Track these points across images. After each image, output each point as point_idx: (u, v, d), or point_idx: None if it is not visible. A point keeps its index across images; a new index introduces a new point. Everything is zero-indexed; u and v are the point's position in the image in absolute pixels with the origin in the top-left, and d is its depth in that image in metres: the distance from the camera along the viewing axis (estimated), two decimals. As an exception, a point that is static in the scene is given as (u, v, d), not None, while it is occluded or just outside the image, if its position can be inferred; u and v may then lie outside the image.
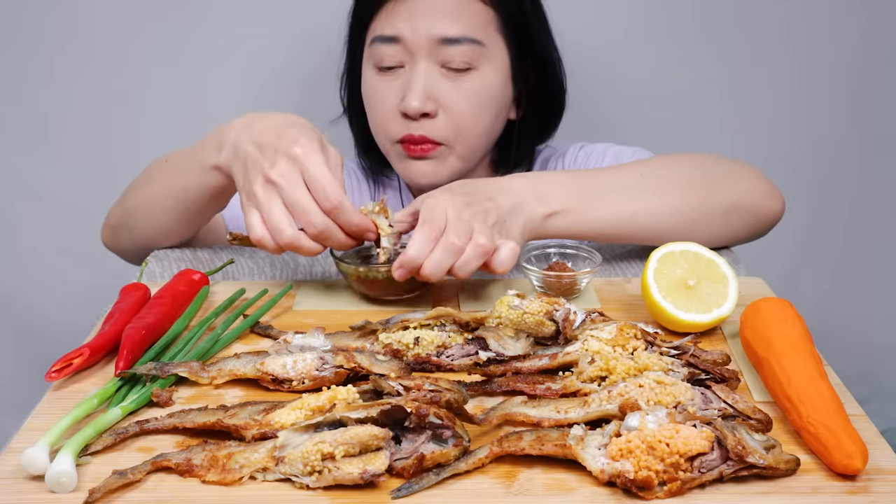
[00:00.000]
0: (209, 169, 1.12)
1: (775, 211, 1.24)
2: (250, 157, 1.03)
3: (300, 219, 1.01)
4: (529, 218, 1.10)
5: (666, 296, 1.00)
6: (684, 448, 0.73)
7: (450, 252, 1.00)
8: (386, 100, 1.33)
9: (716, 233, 1.20)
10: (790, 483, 0.75)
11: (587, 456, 0.75)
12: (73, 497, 0.73)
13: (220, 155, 1.09)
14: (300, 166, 1.01)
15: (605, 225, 1.15)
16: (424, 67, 1.31)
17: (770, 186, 1.24)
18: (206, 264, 1.22)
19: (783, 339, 0.88)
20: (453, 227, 1.01)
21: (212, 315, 1.03)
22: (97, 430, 0.80)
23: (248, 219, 1.03)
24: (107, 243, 1.37)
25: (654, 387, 0.81)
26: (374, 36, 1.34)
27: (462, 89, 1.32)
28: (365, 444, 0.75)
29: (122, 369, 0.89)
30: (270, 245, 1.02)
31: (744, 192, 1.21)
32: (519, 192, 1.11)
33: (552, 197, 1.12)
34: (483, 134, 1.37)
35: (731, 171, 1.23)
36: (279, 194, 1.01)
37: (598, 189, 1.15)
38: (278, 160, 1.01)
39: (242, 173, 1.05)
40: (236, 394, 0.90)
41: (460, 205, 1.03)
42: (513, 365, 0.91)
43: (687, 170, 1.21)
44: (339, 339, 0.96)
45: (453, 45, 1.30)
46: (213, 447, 0.78)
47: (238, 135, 1.07)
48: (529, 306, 0.96)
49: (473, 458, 0.76)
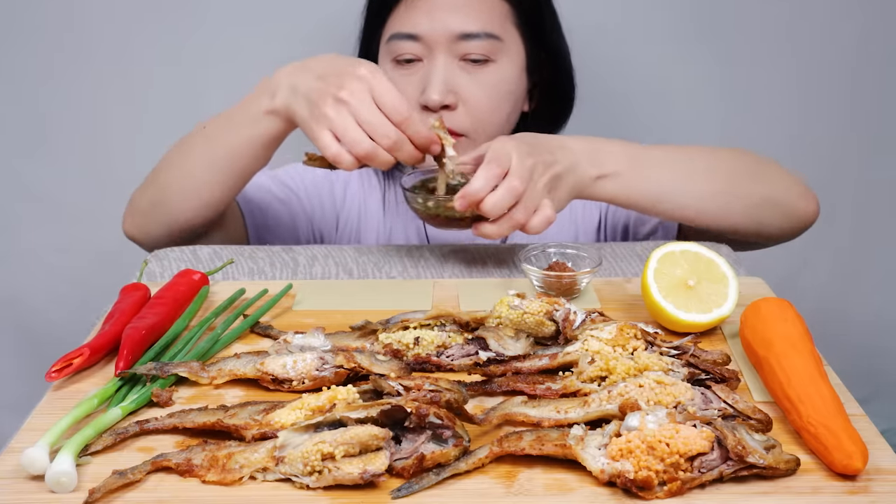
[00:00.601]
0: (262, 116, 1.16)
1: (809, 212, 1.30)
2: (314, 88, 1.10)
3: (373, 132, 1.07)
4: (581, 178, 1.16)
5: (666, 296, 1.00)
6: (684, 448, 0.73)
7: (511, 193, 1.07)
8: (405, 93, 1.34)
9: (748, 223, 1.25)
10: (790, 483, 0.75)
11: (587, 456, 0.75)
12: (73, 497, 0.73)
13: (275, 99, 1.14)
14: (367, 85, 1.07)
15: (649, 196, 1.21)
16: (443, 61, 1.33)
17: (805, 189, 1.31)
18: (206, 264, 1.22)
19: (783, 339, 0.88)
20: (517, 171, 1.08)
21: (212, 315, 1.03)
22: (97, 430, 0.80)
23: (320, 140, 1.08)
24: (133, 232, 1.33)
25: (654, 387, 0.81)
26: (392, 33, 1.35)
27: (480, 82, 1.34)
28: (365, 444, 0.75)
29: (122, 369, 0.89)
30: (347, 160, 1.08)
31: (779, 189, 1.28)
32: (576, 151, 1.17)
33: (605, 161, 1.18)
34: (500, 126, 1.39)
35: (771, 169, 1.30)
36: (350, 112, 1.07)
37: (650, 162, 1.21)
38: (346, 81, 1.08)
39: (306, 105, 1.10)
40: (236, 394, 0.90)
41: (524, 153, 1.10)
42: (513, 365, 0.91)
43: (732, 162, 1.27)
44: (339, 339, 0.96)
45: (472, 39, 1.32)
46: (213, 447, 0.78)
47: (292, 77, 1.13)
48: (529, 306, 0.96)
49: (473, 458, 0.76)
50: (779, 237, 1.32)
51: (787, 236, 1.33)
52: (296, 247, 1.27)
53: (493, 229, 1.10)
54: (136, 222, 1.32)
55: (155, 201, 1.28)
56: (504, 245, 1.30)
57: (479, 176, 1.07)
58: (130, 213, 1.33)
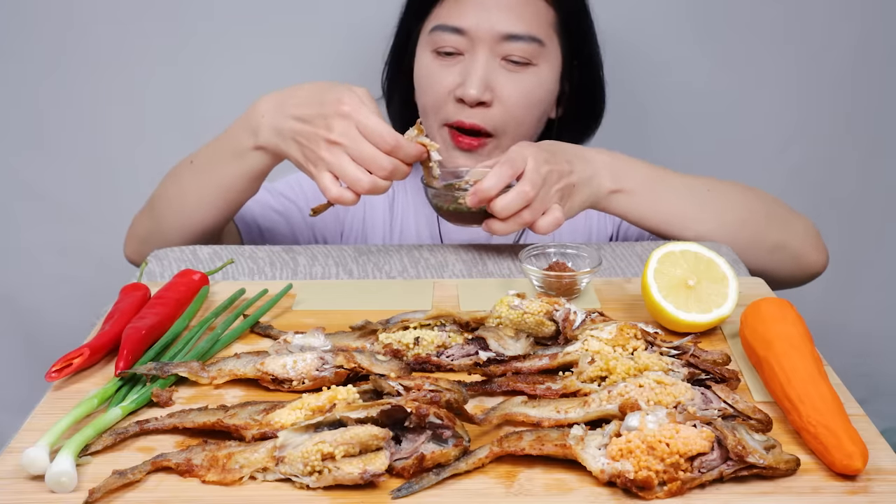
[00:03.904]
0: (248, 151, 1.20)
1: (818, 264, 1.34)
2: (301, 131, 1.14)
3: (370, 166, 1.12)
4: (596, 190, 1.22)
5: (666, 296, 1.00)
6: (684, 448, 0.73)
7: (521, 197, 1.13)
8: (444, 83, 1.36)
9: (757, 264, 1.28)
10: (790, 483, 0.75)
11: (587, 456, 0.75)
12: (73, 497, 0.73)
13: (259, 137, 1.18)
14: (354, 121, 1.11)
15: (658, 217, 1.25)
16: (485, 59, 1.34)
17: (819, 242, 1.35)
18: (206, 264, 1.22)
19: (783, 339, 0.88)
20: (530, 176, 1.13)
21: (212, 315, 1.03)
22: (97, 430, 0.80)
23: (321, 182, 1.14)
24: (133, 257, 1.38)
25: (654, 387, 0.81)
26: (437, 24, 1.36)
27: (518, 83, 1.35)
28: (365, 444, 0.75)
29: (122, 369, 0.89)
30: (349, 199, 1.14)
31: (794, 237, 1.31)
32: (597, 164, 1.23)
33: (624, 177, 1.23)
34: (528, 129, 1.41)
35: (790, 217, 1.33)
36: (345, 151, 1.12)
37: (667, 185, 1.25)
38: (332, 122, 1.12)
39: (298, 148, 1.15)
40: (236, 394, 0.90)
41: (541, 160, 1.15)
42: (513, 365, 0.91)
43: (750, 201, 1.30)
44: (339, 339, 0.96)
45: (516, 41, 1.34)
46: (213, 447, 0.78)
47: (273, 117, 1.17)
48: (529, 306, 0.96)
49: (473, 458, 0.76)
50: (784, 283, 1.34)
51: (793, 283, 1.36)
52: (296, 247, 1.27)
53: (502, 227, 1.16)
54: (135, 248, 1.37)
55: (151, 230, 1.32)
56: (504, 245, 1.30)
57: (492, 175, 1.14)
58: (131, 239, 1.37)
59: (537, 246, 1.14)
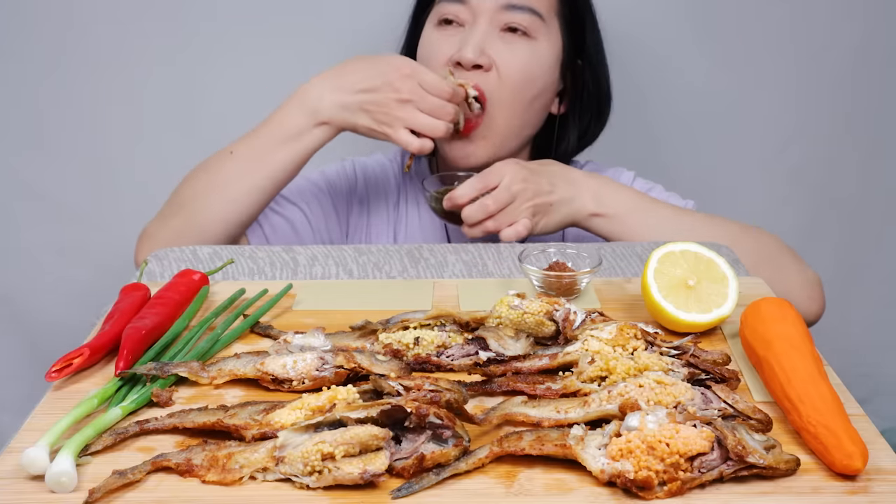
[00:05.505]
0: (309, 129, 1.28)
1: (811, 314, 1.34)
2: (370, 100, 1.27)
3: (438, 114, 1.28)
4: (576, 211, 1.30)
5: (666, 296, 1.00)
6: (684, 448, 0.73)
7: (482, 210, 1.25)
8: (442, 50, 1.40)
9: None
10: (790, 483, 0.75)
11: (587, 456, 0.75)
12: (73, 497, 0.73)
13: (320, 115, 1.28)
14: (418, 79, 1.27)
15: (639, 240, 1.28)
16: (485, 27, 1.38)
17: (817, 293, 1.35)
18: (206, 264, 1.22)
19: (783, 339, 0.88)
20: (496, 193, 1.25)
21: (212, 315, 1.03)
22: (97, 430, 0.80)
23: (401, 139, 1.27)
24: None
25: (654, 387, 0.81)
26: None
27: (515, 51, 1.38)
28: (365, 444, 0.75)
29: (122, 369, 0.89)
30: (429, 147, 1.29)
31: (785, 283, 1.28)
32: (581, 187, 1.30)
33: (608, 202, 1.30)
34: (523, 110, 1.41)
35: (788, 263, 1.33)
36: (415, 107, 1.27)
37: (652, 214, 1.30)
38: (399, 84, 1.26)
39: (368, 116, 1.28)
40: (236, 394, 0.90)
41: (518, 178, 1.26)
42: (513, 365, 0.91)
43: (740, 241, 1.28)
44: (339, 339, 0.96)
45: (516, 11, 1.38)
46: (213, 447, 0.78)
47: (334, 95, 1.28)
48: (529, 306, 0.96)
49: (473, 458, 0.76)
50: None
51: None
52: (296, 247, 1.27)
53: (468, 231, 1.29)
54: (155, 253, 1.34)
55: (182, 229, 1.31)
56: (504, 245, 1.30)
57: (465, 185, 1.28)
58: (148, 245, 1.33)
59: (537, 246, 1.14)
